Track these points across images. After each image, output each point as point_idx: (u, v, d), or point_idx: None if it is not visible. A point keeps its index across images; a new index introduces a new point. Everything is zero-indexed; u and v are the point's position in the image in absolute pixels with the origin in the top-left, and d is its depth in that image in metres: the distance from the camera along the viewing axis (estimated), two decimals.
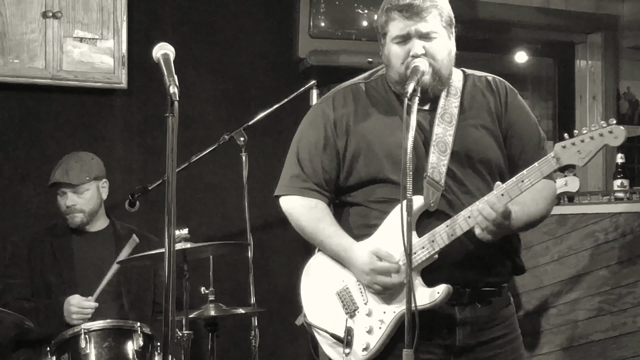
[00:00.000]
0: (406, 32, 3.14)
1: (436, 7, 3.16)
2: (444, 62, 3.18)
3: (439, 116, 3.20)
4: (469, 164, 3.18)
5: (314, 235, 3.29)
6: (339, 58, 5.48)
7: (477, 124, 3.23)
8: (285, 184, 3.35)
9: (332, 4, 5.51)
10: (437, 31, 3.16)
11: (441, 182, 3.12)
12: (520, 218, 3.12)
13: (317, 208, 3.28)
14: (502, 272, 3.24)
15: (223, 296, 4.52)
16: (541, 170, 3.01)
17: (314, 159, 3.28)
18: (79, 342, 4.17)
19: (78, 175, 4.72)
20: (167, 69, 2.83)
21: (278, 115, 5.13)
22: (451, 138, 3.17)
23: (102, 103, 5.47)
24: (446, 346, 3.18)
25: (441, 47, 3.17)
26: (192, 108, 5.49)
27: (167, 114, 2.74)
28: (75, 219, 4.74)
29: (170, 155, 2.72)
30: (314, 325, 3.28)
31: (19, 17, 5.06)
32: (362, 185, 3.24)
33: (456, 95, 3.25)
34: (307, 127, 3.36)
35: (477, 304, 3.19)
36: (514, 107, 3.28)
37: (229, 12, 5.77)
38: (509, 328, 3.27)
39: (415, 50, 3.12)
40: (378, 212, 3.20)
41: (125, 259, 4.35)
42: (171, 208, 2.72)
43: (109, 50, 5.23)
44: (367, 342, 3.16)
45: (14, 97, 5.28)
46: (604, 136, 2.95)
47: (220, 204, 5.63)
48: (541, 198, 3.21)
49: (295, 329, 4.77)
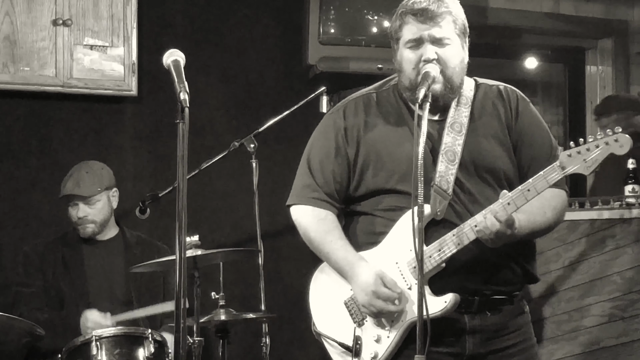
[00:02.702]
0: (419, 36, 3.13)
1: (451, 14, 3.15)
2: (455, 70, 3.16)
3: (449, 125, 3.19)
4: (478, 173, 3.17)
5: (321, 247, 3.28)
6: (349, 64, 5.48)
7: (487, 133, 3.22)
8: (296, 194, 3.35)
9: (341, 11, 5.52)
10: (450, 38, 3.15)
11: (449, 191, 3.12)
12: (525, 226, 3.10)
13: (327, 220, 3.28)
14: (513, 280, 3.22)
15: (233, 302, 4.49)
16: (547, 179, 3.01)
17: (325, 168, 3.28)
18: (90, 349, 4.17)
19: (89, 187, 4.73)
20: (178, 76, 2.83)
21: (288, 122, 5.12)
22: (460, 147, 3.16)
23: (112, 110, 5.48)
24: (456, 354, 3.17)
25: (454, 54, 3.16)
26: (202, 115, 5.50)
27: (178, 120, 2.75)
28: (86, 229, 4.75)
29: (181, 162, 2.73)
30: (323, 335, 3.29)
31: (30, 25, 5.09)
32: (371, 195, 3.25)
33: (467, 105, 3.23)
34: (319, 137, 3.36)
35: (487, 312, 3.18)
36: (524, 116, 3.27)
37: (238, 19, 5.77)
38: (522, 337, 3.25)
39: (427, 54, 3.11)
40: (385, 220, 3.20)
41: (137, 267, 4.31)
42: (182, 215, 2.72)
43: (119, 57, 5.24)
44: (376, 351, 3.16)
45: (24, 104, 5.30)
46: (610, 145, 2.95)
47: (231, 210, 5.62)
48: (549, 208, 3.19)
49: (306, 336, 4.77)
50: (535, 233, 3.21)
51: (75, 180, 4.73)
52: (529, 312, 3.36)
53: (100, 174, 4.80)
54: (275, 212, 5.46)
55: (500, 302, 3.20)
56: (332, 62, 5.49)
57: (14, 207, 5.30)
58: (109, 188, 4.81)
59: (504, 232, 3.00)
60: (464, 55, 3.21)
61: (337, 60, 5.49)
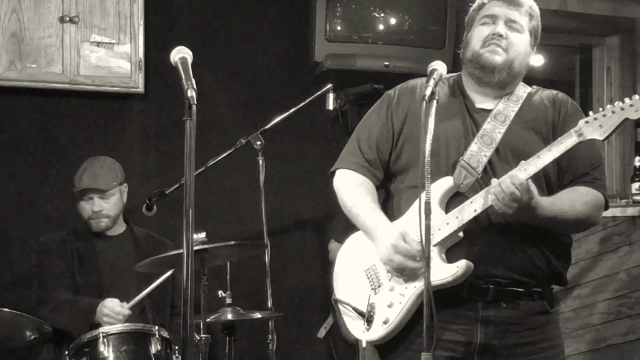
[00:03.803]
0: (497, 13, 3.26)
1: (531, 9, 3.31)
2: (519, 56, 3.27)
3: (492, 116, 3.27)
4: (514, 160, 3.17)
5: (353, 209, 3.36)
6: (356, 62, 5.47)
7: (529, 127, 3.27)
8: (341, 160, 3.46)
9: (348, 8, 5.51)
10: (523, 26, 3.28)
11: (478, 169, 3.17)
12: (547, 208, 3.09)
13: (363, 185, 3.37)
14: (535, 274, 3.19)
15: (240, 300, 4.54)
16: (563, 143, 3.06)
17: (371, 139, 3.39)
18: (97, 346, 4.17)
19: (107, 181, 4.75)
20: (185, 73, 2.85)
21: (294, 119, 5.12)
22: (500, 135, 3.22)
23: (119, 107, 5.50)
24: (466, 343, 3.17)
25: (522, 41, 3.28)
26: (209, 112, 5.49)
27: (185, 117, 2.75)
28: (100, 224, 4.76)
29: (188, 159, 2.74)
30: (340, 300, 3.36)
31: (37, 22, 5.11)
32: (405, 170, 3.32)
33: (517, 102, 3.32)
34: (371, 112, 3.47)
35: (502, 304, 3.17)
36: (572, 120, 3.24)
37: (245, 16, 5.78)
38: (542, 336, 3.23)
39: (498, 29, 3.24)
40: (410, 195, 3.25)
41: (145, 263, 4.33)
42: (189, 212, 2.73)
43: (126, 54, 5.26)
44: (387, 316, 3.21)
45: (31, 101, 5.32)
46: (625, 110, 3.01)
47: (237, 208, 5.63)
48: (580, 201, 3.19)
49: (312, 334, 4.78)
50: (561, 221, 3.17)
51: (92, 175, 4.75)
52: (557, 314, 3.32)
53: (114, 169, 4.83)
54: (282, 209, 5.48)
55: (517, 295, 3.18)
56: (339, 60, 5.48)
57: (21, 203, 5.31)
58: (121, 183, 4.84)
59: (519, 197, 3.00)
60: (530, 51, 3.33)
61: (343, 57, 5.48)
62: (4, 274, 5.14)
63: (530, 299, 3.20)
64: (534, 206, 3.05)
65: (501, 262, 3.15)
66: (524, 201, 3.02)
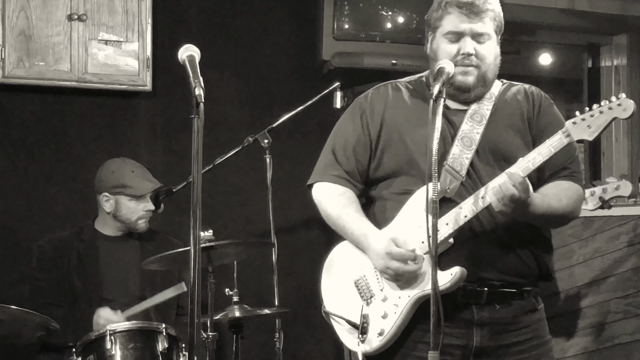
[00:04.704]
0: (461, 29, 3.20)
1: (493, 11, 3.23)
2: (490, 66, 3.25)
3: (469, 116, 3.25)
4: (495, 161, 3.20)
5: (338, 221, 3.33)
6: (363, 60, 5.50)
7: (507, 125, 3.28)
8: (318, 172, 3.43)
9: (356, 6, 5.53)
10: (490, 34, 3.22)
11: (462, 172, 3.17)
12: (539, 205, 3.10)
13: (345, 196, 3.34)
14: (524, 274, 3.23)
15: (247, 298, 4.54)
16: (552, 145, 3.05)
17: (347, 148, 3.35)
18: (104, 344, 4.19)
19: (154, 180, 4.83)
20: (193, 71, 2.86)
21: (302, 118, 5.13)
22: (479, 136, 3.22)
23: (126, 105, 5.51)
24: (463, 346, 3.19)
25: (491, 50, 3.24)
26: (216, 110, 5.50)
27: (193, 115, 2.76)
28: (145, 223, 4.83)
29: (196, 157, 2.75)
30: (331, 314, 3.33)
31: (45, 20, 5.11)
32: (388, 177, 3.30)
33: (490, 100, 3.30)
34: (344, 119, 3.44)
35: (496, 305, 3.20)
36: (546, 113, 3.31)
37: (253, 14, 5.79)
38: (533, 334, 3.27)
39: (466, 48, 3.18)
40: (396, 203, 3.25)
41: (151, 261, 4.34)
42: (197, 210, 2.74)
43: (133, 52, 5.27)
44: (382, 327, 3.19)
45: (39, 99, 5.34)
46: (613, 109, 3.00)
47: (245, 205, 5.64)
48: (565, 196, 3.21)
49: (319, 331, 4.78)
50: (550, 217, 3.21)
51: (146, 176, 4.83)
52: (544, 311, 3.35)
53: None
54: (289, 207, 5.48)
55: (510, 295, 3.21)
56: (346, 58, 5.51)
57: (29, 201, 5.33)
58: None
59: (518, 197, 3.00)
60: (498, 51, 3.29)
61: (351, 55, 5.51)
62: (11, 271, 5.16)
63: (521, 298, 3.24)
64: (529, 203, 3.06)
65: (493, 264, 3.17)
66: (522, 199, 3.02)
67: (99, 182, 4.83)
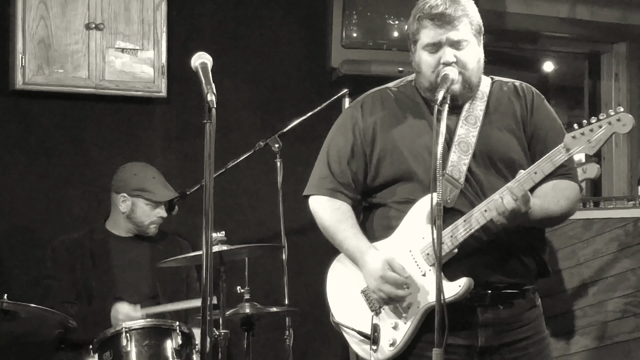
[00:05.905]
0: (437, 40, 3.16)
1: (467, 16, 3.19)
2: (473, 71, 3.22)
3: (463, 118, 3.23)
4: (492, 164, 3.21)
5: (335, 235, 3.33)
6: (371, 67, 5.53)
7: (501, 126, 3.25)
8: (313, 185, 3.42)
9: (364, 15, 5.55)
10: (467, 39, 3.19)
11: (460, 180, 3.16)
12: (538, 210, 3.12)
13: (340, 210, 3.32)
14: (524, 274, 3.26)
15: (258, 297, 4.54)
16: (552, 160, 3.04)
17: (342, 160, 3.33)
18: (120, 341, 4.25)
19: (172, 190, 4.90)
20: (205, 77, 2.90)
21: (311, 123, 5.14)
22: (474, 139, 3.20)
23: (142, 111, 5.55)
24: (469, 347, 3.21)
25: (471, 55, 3.20)
26: (228, 116, 5.49)
27: (205, 120, 2.81)
28: (155, 229, 4.88)
29: (208, 161, 2.80)
30: (341, 324, 3.33)
31: (64, 29, 5.14)
32: (387, 185, 3.28)
33: (482, 99, 3.27)
34: (337, 130, 3.41)
35: (499, 306, 3.22)
36: (539, 111, 3.30)
37: (264, 23, 5.83)
38: (534, 330, 3.29)
39: (446, 58, 3.15)
40: (398, 212, 3.24)
41: (165, 262, 4.39)
42: (209, 212, 2.80)
43: (149, 60, 5.30)
44: (394, 337, 3.19)
45: (58, 105, 5.37)
46: (612, 124, 3.00)
47: (256, 208, 5.66)
48: (563, 197, 3.21)
49: (328, 329, 4.87)
50: (549, 220, 3.25)
51: (166, 184, 4.88)
52: (541, 306, 3.38)
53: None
54: (299, 209, 5.44)
55: (512, 295, 3.23)
56: (355, 65, 5.54)
57: (48, 203, 5.35)
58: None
59: (519, 209, 3.01)
60: (480, 54, 3.26)
61: (359, 63, 5.55)
62: (31, 270, 5.16)
63: (523, 297, 3.27)
64: (529, 213, 3.09)
65: (497, 269, 3.19)
66: (523, 212, 3.05)
67: (120, 182, 4.84)
